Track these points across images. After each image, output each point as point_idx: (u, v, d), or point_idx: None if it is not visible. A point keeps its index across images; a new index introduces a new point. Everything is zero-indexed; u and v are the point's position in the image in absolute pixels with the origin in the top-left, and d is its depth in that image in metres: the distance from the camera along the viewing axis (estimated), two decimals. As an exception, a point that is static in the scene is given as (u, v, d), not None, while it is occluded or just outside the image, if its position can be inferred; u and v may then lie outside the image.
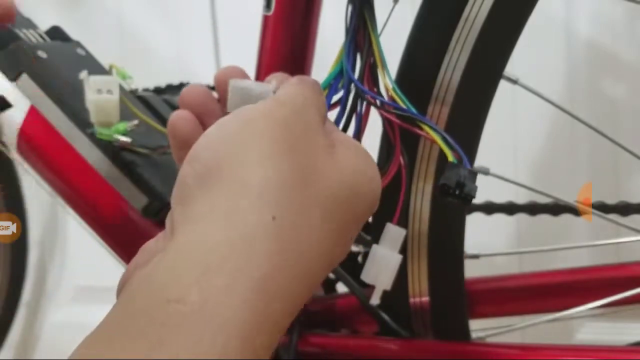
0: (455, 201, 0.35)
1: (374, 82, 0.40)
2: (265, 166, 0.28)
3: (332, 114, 0.39)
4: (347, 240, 0.31)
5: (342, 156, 0.32)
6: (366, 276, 0.39)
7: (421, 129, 0.38)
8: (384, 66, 0.40)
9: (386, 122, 0.41)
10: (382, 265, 0.39)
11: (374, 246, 0.40)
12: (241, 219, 0.26)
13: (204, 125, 0.35)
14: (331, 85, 0.39)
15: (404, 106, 0.39)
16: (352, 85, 0.39)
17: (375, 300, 0.40)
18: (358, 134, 0.39)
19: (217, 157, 0.28)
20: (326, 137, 0.32)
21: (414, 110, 0.39)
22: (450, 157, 0.36)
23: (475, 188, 0.35)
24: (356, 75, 0.39)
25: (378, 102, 0.39)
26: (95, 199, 0.55)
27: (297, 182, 0.28)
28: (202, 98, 0.36)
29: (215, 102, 0.36)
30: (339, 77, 0.39)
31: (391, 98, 0.40)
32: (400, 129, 0.40)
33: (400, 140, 0.41)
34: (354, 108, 0.39)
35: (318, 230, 0.28)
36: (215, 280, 0.24)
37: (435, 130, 0.38)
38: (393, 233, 0.40)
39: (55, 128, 0.54)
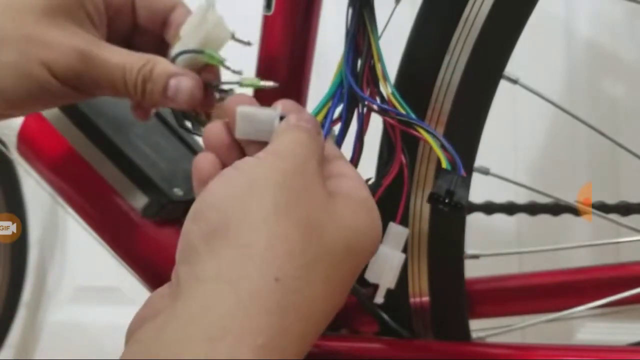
0: (446, 209, 0.35)
1: (374, 83, 0.40)
2: (269, 227, 0.29)
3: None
4: (345, 291, 0.32)
5: (341, 212, 0.32)
6: (370, 275, 0.39)
7: (419, 132, 0.38)
8: (383, 69, 0.40)
9: (387, 123, 0.41)
10: (386, 264, 0.40)
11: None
12: (246, 284, 0.27)
13: (224, 163, 0.36)
14: (334, 95, 0.39)
15: (402, 111, 0.39)
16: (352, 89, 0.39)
17: (379, 299, 0.40)
18: (360, 137, 0.39)
19: (222, 218, 0.29)
20: (324, 187, 0.33)
21: (412, 115, 0.40)
22: (444, 164, 0.36)
23: (466, 195, 0.36)
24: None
25: (376, 108, 0.40)
26: (95, 199, 0.55)
27: (299, 241, 0.29)
28: (223, 138, 0.37)
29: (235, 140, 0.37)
30: (341, 87, 0.40)
31: (390, 102, 0.40)
32: (400, 129, 0.40)
33: (401, 139, 0.41)
34: (352, 111, 0.39)
35: (320, 286, 0.30)
36: (220, 349, 0.25)
37: (432, 134, 0.38)
38: (396, 232, 0.41)
39: (55, 128, 0.54)
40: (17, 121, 0.55)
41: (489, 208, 0.63)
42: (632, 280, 0.53)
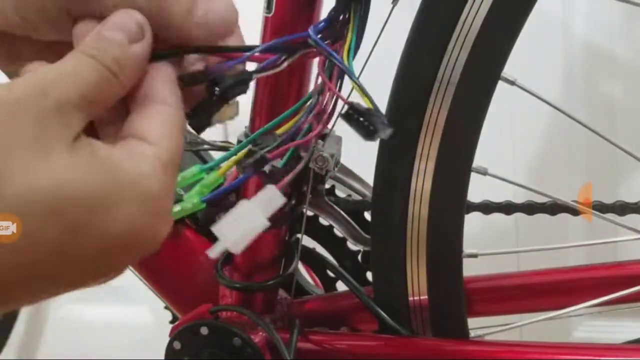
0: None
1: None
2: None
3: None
4: None
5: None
6: (217, 226, 0.32)
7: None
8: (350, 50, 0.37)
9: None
10: (241, 222, 0.32)
11: (243, 200, 0.33)
12: None
13: None
14: None
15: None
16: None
17: (212, 254, 0.32)
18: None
19: None
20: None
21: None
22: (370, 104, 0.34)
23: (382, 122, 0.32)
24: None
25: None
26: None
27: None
28: None
29: None
30: None
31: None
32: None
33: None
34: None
35: None
36: None
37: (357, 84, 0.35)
38: (271, 196, 0.33)
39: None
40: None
41: (487, 208, 0.64)
42: (629, 279, 0.54)
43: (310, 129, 0.37)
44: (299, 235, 0.58)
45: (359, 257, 0.62)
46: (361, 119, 0.31)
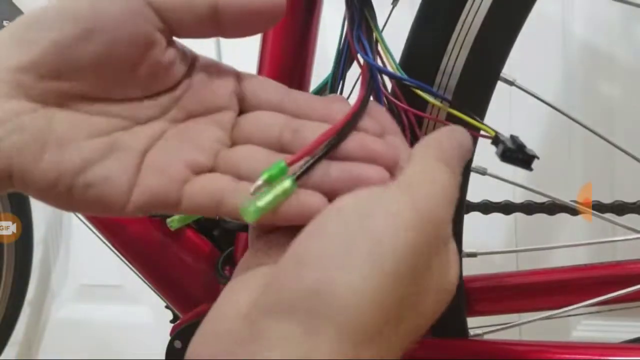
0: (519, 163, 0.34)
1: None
2: (365, 298, 0.23)
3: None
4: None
5: (445, 271, 0.27)
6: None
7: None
8: (391, 56, 0.40)
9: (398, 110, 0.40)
10: None
11: None
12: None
13: None
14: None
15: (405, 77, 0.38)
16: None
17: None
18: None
19: (318, 283, 0.23)
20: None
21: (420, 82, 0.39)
22: (491, 132, 0.35)
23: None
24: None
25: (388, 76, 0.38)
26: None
27: (392, 320, 0.24)
28: None
29: None
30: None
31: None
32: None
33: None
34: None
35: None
36: None
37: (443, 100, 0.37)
38: None
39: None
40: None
41: (487, 207, 0.64)
42: (628, 279, 0.54)
43: None
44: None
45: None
46: (520, 155, 0.33)
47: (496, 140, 0.33)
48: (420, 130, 0.41)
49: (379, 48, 0.40)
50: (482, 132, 0.34)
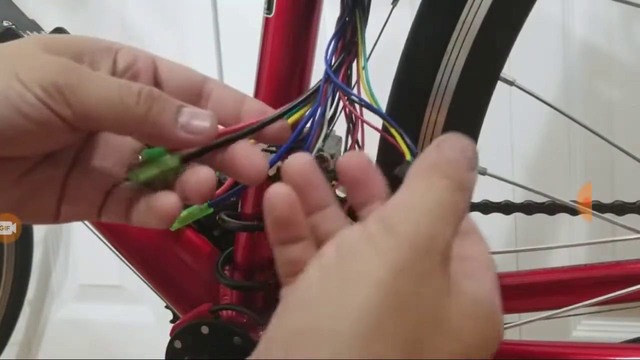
0: None
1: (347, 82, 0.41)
2: (359, 349, 0.24)
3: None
4: None
5: (457, 322, 0.26)
6: None
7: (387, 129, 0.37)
8: (365, 69, 0.40)
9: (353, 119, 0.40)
10: None
11: None
12: None
13: (304, 199, 0.29)
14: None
15: (374, 106, 0.38)
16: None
17: None
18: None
19: (306, 321, 0.25)
20: (446, 275, 0.26)
21: (382, 110, 0.38)
22: (408, 156, 0.36)
23: None
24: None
25: (353, 98, 0.39)
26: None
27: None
28: (307, 172, 0.30)
29: (320, 174, 0.30)
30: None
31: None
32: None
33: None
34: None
35: None
36: None
37: (396, 129, 0.37)
38: None
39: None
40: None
41: (486, 207, 0.64)
42: (627, 279, 0.54)
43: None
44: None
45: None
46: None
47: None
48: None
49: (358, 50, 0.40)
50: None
